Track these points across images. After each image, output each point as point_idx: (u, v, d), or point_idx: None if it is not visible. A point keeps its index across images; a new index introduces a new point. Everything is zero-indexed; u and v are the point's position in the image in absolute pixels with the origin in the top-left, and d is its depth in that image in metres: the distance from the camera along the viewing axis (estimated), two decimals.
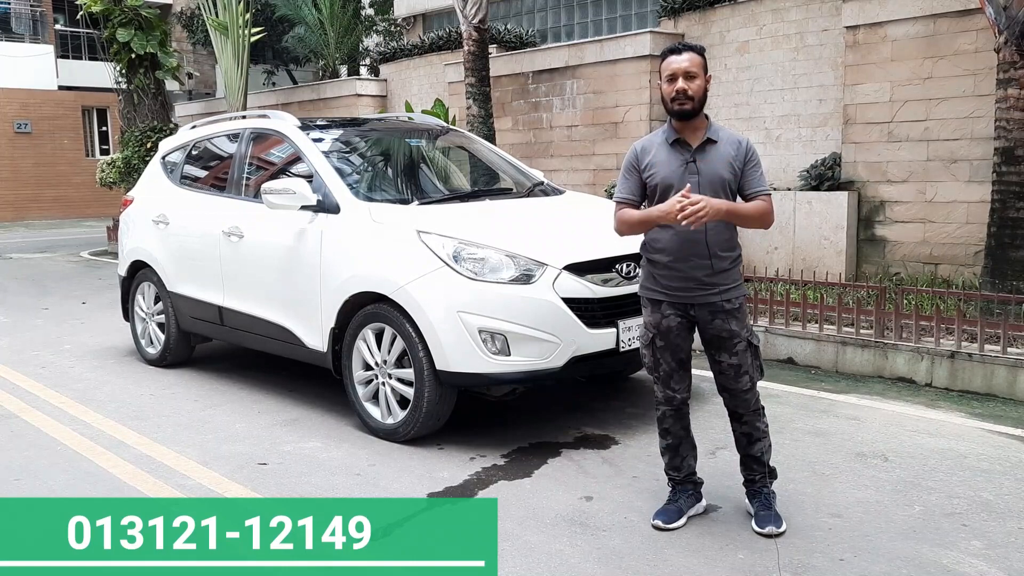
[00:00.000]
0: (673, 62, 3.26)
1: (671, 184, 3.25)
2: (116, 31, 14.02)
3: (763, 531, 3.35)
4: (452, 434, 4.51)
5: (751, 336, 3.38)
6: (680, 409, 3.48)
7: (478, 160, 6.20)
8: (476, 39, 10.45)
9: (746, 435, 3.47)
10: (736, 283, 3.34)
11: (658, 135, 3.38)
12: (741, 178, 3.30)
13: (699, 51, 3.29)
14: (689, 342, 3.42)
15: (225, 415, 5.08)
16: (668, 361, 3.40)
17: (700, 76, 3.25)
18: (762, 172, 3.34)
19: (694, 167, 3.25)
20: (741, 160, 3.28)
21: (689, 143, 3.28)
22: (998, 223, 6.31)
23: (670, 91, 3.25)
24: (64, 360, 6.56)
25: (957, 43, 7.49)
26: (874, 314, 5.81)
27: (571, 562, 3.17)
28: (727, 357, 3.35)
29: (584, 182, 10.73)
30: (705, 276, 3.27)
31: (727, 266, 3.30)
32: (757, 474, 3.49)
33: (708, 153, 3.27)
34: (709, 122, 3.33)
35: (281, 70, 21.85)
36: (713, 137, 3.29)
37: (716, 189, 3.24)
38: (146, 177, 6.75)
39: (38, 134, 24.69)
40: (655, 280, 3.36)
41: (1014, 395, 5.14)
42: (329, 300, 4.72)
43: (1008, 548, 3.24)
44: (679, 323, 3.34)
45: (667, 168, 3.27)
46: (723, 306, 3.30)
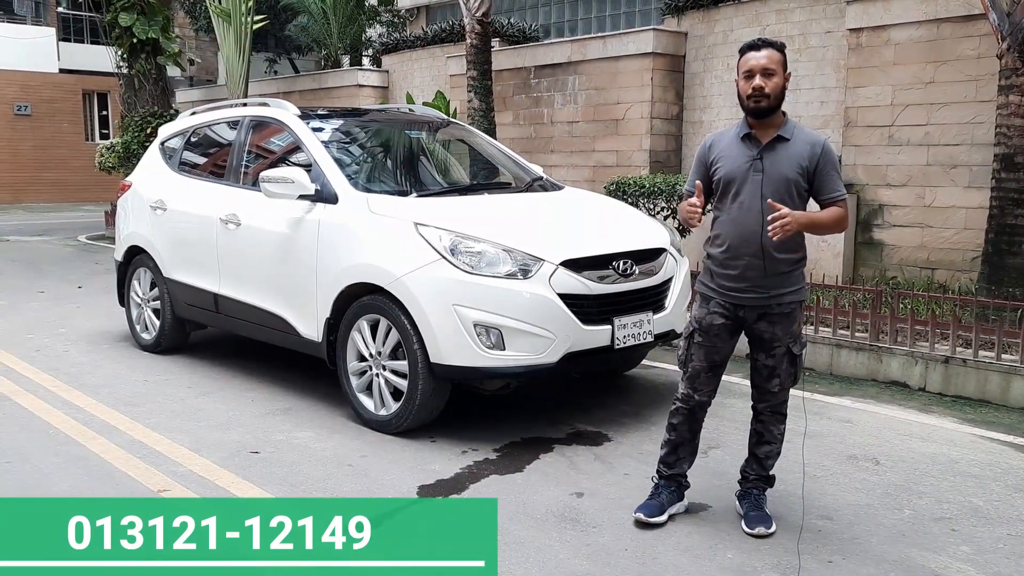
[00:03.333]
0: (752, 58, 3.17)
1: (733, 179, 3.21)
2: (118, 15, 13.96)
3: (752, 532, 3.35)
4: (445, 427, 4.51)
5: (793, 344, 3.31)
6: (694, 411, 3.45)
7: (478, 154, 6.19)
8: (479, 32, 10.42)
9: (758, 433, 3.47)
10: (792, 288, 3.25)
11: (732, 129, 3.32)
12: (814, 181, 3.20)
13: (779, 48, 3.20)
14: (729, 346, 3.37)
15: (218, 403, 5.07)
16: (700, 359, 3.36)
17: (779, 73, 3.15)
18: (838, 175, 3.24)
19: (759, 164, 3.18)
20: (814, 162, 3.18)
21: (759, 139, 3.21)
22: (996, 229, 6.31)
23: (746, 88, 3.16)
24: (58, 344, 6.55)
25: (960, 48, 7.48)
26: (869, 317, 5.81)
27: (560, 558, 3.17)
28: (763, 357, 3.34)
29: (584, 178, 10.72)
30: (759, 277, 3.21)
31: (784, 269, 3.22)
32: (753, 474, 3.49)
33: (776, 151, 3.19)
34: (786, 119, 3.24)
35: (283, 59, 21.78)
36: (785, 135, 3.20)
37: (779, 189, 3.15)
38: (144, 162, 6.73)
39: (38, 117, 24.61)
40: (711, 276, 3.33)
41: (1007, 401, 5.14)
42: (325, 290, 4.71)
43: (996, 554, 3.24)
44: (722, 323, 3.30)
45: (732, 163, 3.22)
46: (772, 309, 3.25)
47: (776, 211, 3.01)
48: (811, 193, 3.24)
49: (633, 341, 4.44)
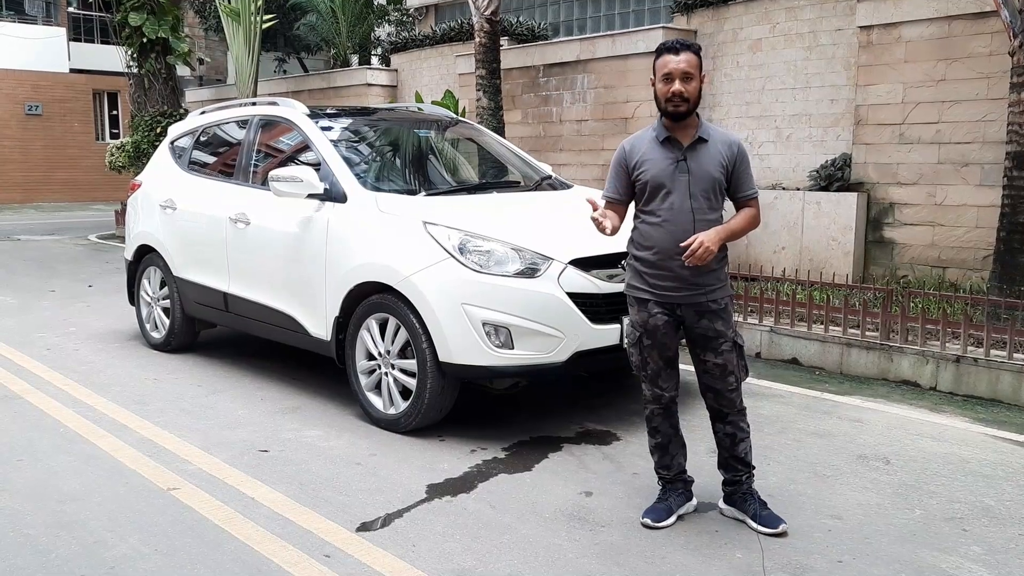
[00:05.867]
0: (670, 62, 3.20)
1: (662, 183, 3.24)
2: (128, 15, 14.02)
3: (776, 530, 3.31)
4: (453, 426, 4.51)
5: (736, 336, 3.37)
6: (668, 408, 3.47)
7: (486, 152, 6.19)
8: (488, 31, 10.42)
9: (730, 435, 3.44)
10: (722, 283, 3.33)
11: (648, 132, 3.35)
12: (731, 179, 3.29)
13: (696, 51, 3.24)
14: (676, 341, 3.40)
15: (228, 401, 5.08)
16: (656, 360, 3.39)
17: (696, 77, 3.21)
18: (751, 173, 3.33)
19: (684, 166, 3.23)
20: (732, 161, 3.27)
21: (680, 141, 3.26)
22: (1008, 228, 6.28)
23: (665, 91, 3.20)
24: (69, 342, 6.58)
25: (971, 46, 7.44)
26: (880, 316, 5.79)
27: (568, 557, 3.17)
28: (713, 357, 3.33)
29: (593, 177, 10.70)
30: (692, 276, 3.25)
31: (714, 266, 3.27)
32: (742, 474, 3.46)
33: (699, 152, 3.25)
34: (700, 121, 3.30)
35: (292, 58, 21.87)
36: (704, 136, 3.26)
37: (707, 188, 3.23)
38: (154, 162, 6.76)
39: (49, 116, 24.74)
40: (642, 278, 3.34)
41: (1018, 401, 5.11)
42: (334, 289, 4.72)
43: (1008, 554, 3.22)
44: (665, 322, 3.32)
45: (657, 166, 3.25)
46: (709, 306, 3.29)
47: (687, 246, 3.11)
48: (728, 191, 3.31)
49: None
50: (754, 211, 3.34)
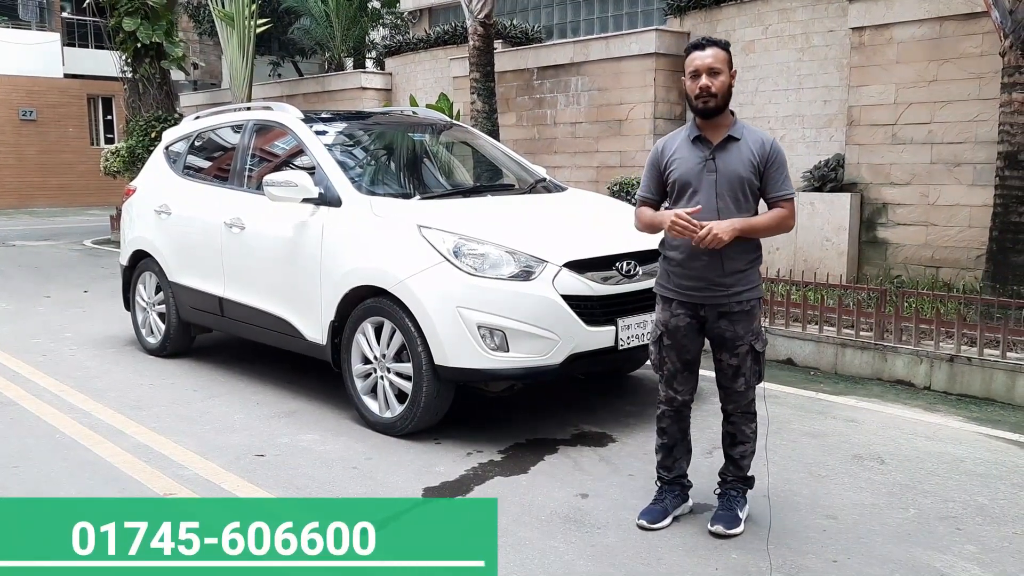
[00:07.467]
0: (697, 58, 3.19)
1: (688, 182, 3.23)
2: (122, 20, 13.97)
3: (711, 529, 3.36)
4: (449, 429, 4.52)
5: (755, 341, 3.32)
6: (680, 411, 3.47)
7: (481, 155, 6.20)
8: (482, 34, 10.44)
9: (730, 434, 3.46)
10: (750, 285, 3.28)
11: (682, 131, 3.34)
12: (763, 180, 3.23)
13: (724, 46, 3.22)
14: (697, 344, 3.38)
15: (224, 406, 5.09)
16: (673, 360, 3.39)
17: (725, 72, 3.18)
18: (787, 175, 3.25)
19: (712, 165, 3.20)
20: (764, 160, 3.21)
21: (710, 140, 3.23)
22: (1000, 227, 6.30)
23: (693, 88, 3.19)
24: (65, 348, 6.58)
25: (963, 46, 7.47)
26: (874, 316, 5.81)
27: (565, 559, 3.18)
28: (727, 356, 3.34)
29: (587, 179, 10.72)
30: (716, 276, 3.23)
31: (742, 267, 3.24)
32: (731, 476, 3.49)
33: (728, 151, 3.21)
34: (734, 119, 3.26)
35: (287, 62, 21.83)
36: (735, 135, 3.22)
37: (734, 188, 3.19)
38: (149, 167, 6.75)
39: (43, 121, 24.67)
40: (668, 277, 3.34)
41: (1012, 400, 5.13)
42: (329, 293, 4.72)
43: (1002, 553, 3.24)
44: (688, 323, 3.32)
45: (686, 165, 3.24)
46: (732, 307, 3.26)
47: (698, 230, 3.06)
48: (760, 191, 3.26)
49: (637, 342, 4.44)
50: (784, 212, 3.23)
